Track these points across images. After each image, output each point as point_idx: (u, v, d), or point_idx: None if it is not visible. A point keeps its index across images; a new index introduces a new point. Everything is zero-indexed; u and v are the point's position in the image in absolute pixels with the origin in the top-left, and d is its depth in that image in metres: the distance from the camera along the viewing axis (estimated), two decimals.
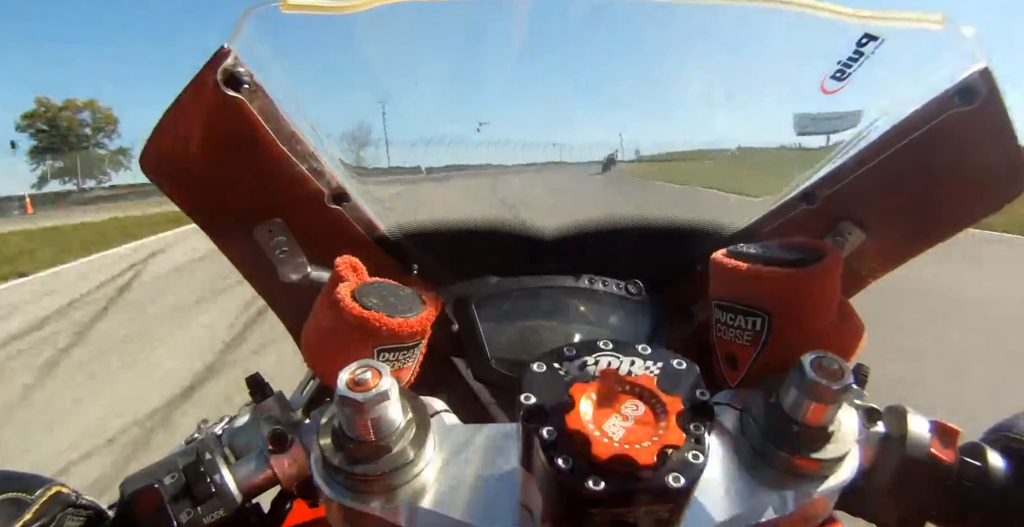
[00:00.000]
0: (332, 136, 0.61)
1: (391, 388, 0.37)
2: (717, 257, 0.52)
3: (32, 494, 0.42)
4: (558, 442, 0.31)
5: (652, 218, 0.73)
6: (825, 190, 0.60)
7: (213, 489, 0.45)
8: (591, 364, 0.35)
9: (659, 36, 0.63)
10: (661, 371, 0.34)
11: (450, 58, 0.66)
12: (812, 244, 0.51)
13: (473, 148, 0.76)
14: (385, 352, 0.48)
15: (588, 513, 0.31)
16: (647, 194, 0.98)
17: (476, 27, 0.60)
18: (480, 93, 0.74)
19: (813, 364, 0.39)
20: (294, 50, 0.55)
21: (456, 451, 0.42)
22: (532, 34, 0.60)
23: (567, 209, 0.77)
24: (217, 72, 0.47)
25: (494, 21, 0.60)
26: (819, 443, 0.40)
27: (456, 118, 0.75)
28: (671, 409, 0.31)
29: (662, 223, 0.73)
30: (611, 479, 0.29)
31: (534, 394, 0.33)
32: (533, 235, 0.73)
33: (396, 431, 0.38)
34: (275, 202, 0.58)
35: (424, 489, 0.40)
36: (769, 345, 0.48)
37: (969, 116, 0.48)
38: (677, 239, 0.72)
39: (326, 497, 0.40)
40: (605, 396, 0.32)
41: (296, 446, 0.49)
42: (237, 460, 0.49)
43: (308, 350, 0.51)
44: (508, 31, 0.60)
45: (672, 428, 0.30)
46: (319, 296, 0.50)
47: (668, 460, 0.30)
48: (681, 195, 1.07)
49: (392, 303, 0.49)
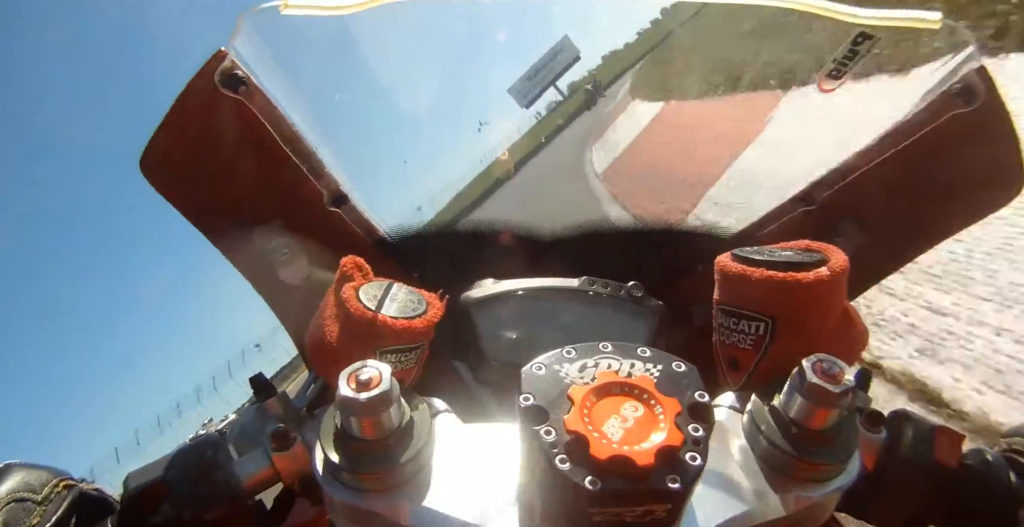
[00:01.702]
0: (332, 137, 0.62)
1: (393, 388, 0.37)
2: (722, 261, 0.51)
3: (41, 488, 0.43)
4: (557, 443, 0.31)
5: (651, 219, 0.73)
6: (825, 191, 0.60)
7: (216, 486, 0.46)
8: (591, 366, 0.35)
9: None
10: (661, 373, 0.34)
11: (449, 57, 0.66)
12: (817, 247, 0.50)
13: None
14: (388, 353, 0.48)
15: (587, 513, 0.31)
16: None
17: (474, 27, 0.60)
18: (479, 92, 0.73)
19: (815, 367, 0.39)
20: (294, 51, 0.56)
21: (456, 451, 0.43)
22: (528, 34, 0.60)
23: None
24: (215, 74, 0.48)
25: (492, 21, 0.60)
26: (820, 446, 0.40)
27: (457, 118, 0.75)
28: (670, 411, 0.31)
29: (661, 224, 0.73)
30: (609, 480, 0.30)
31: (534, 395, 0.33)
32: (532, 237, 0.73)
33: (397, 431, 0.39)
34: (275, 204, 0.58)
35: (425, 488, 0.40)
36: (772, 349, 0.48)
37: (970, 116, 0.48)
38: (676, 240, 0.72)
39: (328, 495, 0.40)
40: (604, 398, 0.33)
41: (299, 444, 0.49)
42: (240, 457, 0.49)
43: (311, 350, 0.51)
44: (504, 30, 0.60)
45: (671, 430, 0.31)
46: (324, 296, 0.50)
47: (666, 461, 0.30)
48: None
49: (397, 304, 0.49)
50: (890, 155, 0.54)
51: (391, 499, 0.39)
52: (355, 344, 0.46)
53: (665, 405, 0.32)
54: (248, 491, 0.47)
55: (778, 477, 0.41)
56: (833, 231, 0.60)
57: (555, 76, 3.50)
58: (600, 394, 0.33)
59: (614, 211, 4.96)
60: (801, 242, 0.52)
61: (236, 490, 0.46)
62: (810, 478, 0.40)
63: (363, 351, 0.46)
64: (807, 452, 0.40)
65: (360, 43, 0.57)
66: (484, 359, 0.68)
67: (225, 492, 0.46)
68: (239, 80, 0.49)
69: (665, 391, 0.33)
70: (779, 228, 0.64)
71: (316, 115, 0.58)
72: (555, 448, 0.31)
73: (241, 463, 0.48)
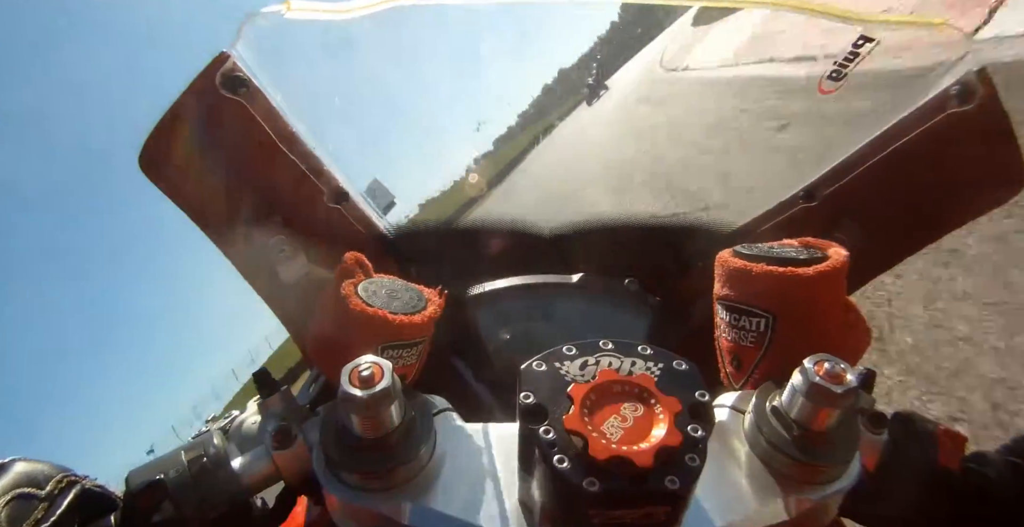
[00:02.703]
0: (332, 136, 0.62)
1: (394, 385, 0.37)
2: (723, 257, 0.51)
3: (44, 483, 0.43)
4: (556, 442, 0.31)
5: (650, 216, 0.73)
6: (825, 188, 0.60)
7: (217, 484, 0.46)
8: (591, 364, 0.35)
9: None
10: (662, 372, 0.34)
11: (450, 60, 0.66)
12: (816, 244, 0.50)
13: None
14: (389, 349, 0.48)
15: (586, 514, 0.31)
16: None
17: (471, 28, 0.61)
18: (479, 90, 0.74)
19: (816, 367, 0.39)
20: (296, 53, 0.56)
21: (457, 449, 0.43)
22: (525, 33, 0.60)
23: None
24: (217, 75, 0.49)
25: (489, 22, 0.60)
26: (821, 447, 0.40)
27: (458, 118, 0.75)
28: (670, 410, 0.31)
29: (660, 220, 0.73)
30: (608, 480, 0.29)
31: (534, 393, 0.33)
32: (532, 234, 0.73)
33: (398, 428, 0.39)
34: (275, 202, 0.58)
35: (425, 487, 0.40)
36: (774, 347, 0.47)
37: (967, 115, 0.48)
38: (676, 236, 0.72)
39: (328, 493, 0.40)
40: (604, 396, 0.32)
41: (300, 442, 0.49)
42: (242, 455, 0.49)
43: (313, 347, 0.51)
44: (502, 31, 0.61)
45: (670, 430, 0.30)
46: (325, 292, 0.50)
47: (665, 462, 0.30)
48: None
49: (397, 301, 0.49)
50: (889, 153, 0.54)
51: (391, 498, 0.39)
52: (356, 340, 0.46)
53: (665, 404, 0.32)
54: (249, 489, 0.47)
55: (779, 479, 0.40)
56: (833, 227, 0.60)
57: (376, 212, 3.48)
58: (600, 393, 0.32)
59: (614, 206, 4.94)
60: (801, 239, 0.52)
61: (237, 488, 0.46)
62: (811, 480, 0.40)
63: (364, 347, 0.46)
64: (809, 453, 0.40)
65: (362, 46, 0.57)
66: (484, 357, 0.68)
67: (226, 490, 0.46)
68: (241, 82, 0.50)
69: (665, 390, 0.32)
70: (779, 224, 0.64)
71: (317, 116, 0.58)
72: (554, 448, 0.31)
73: (242, 461, 0.48)
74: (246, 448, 0.50)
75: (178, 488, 0.45)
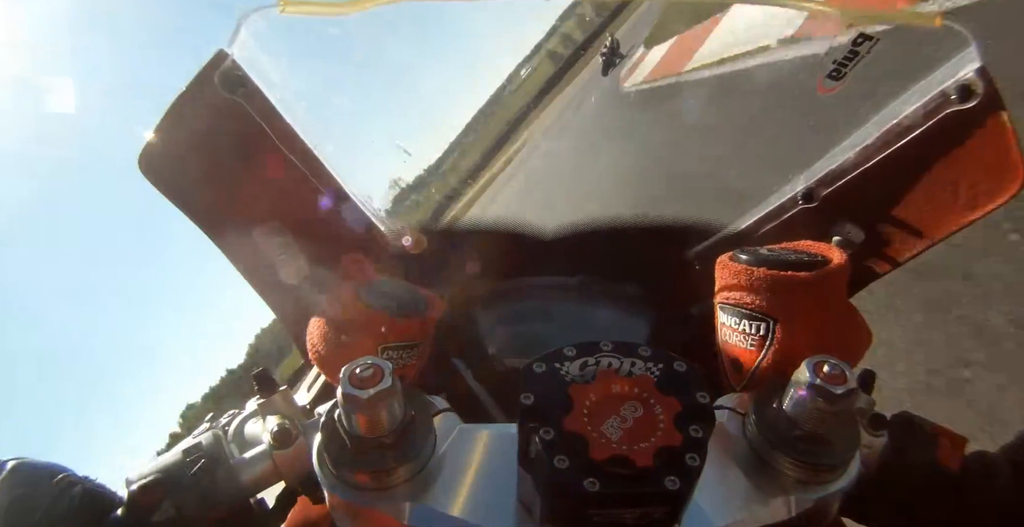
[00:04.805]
0: (332, 136, 0.62)
1: (394, 385, 0.37)
2: (724, 260, 0.51)
3: (44, 484, 0.43)
4: (556, 442, 0.31)
5: (650, 217, 0.73)
6: (824, 189, 0.59)
7: (217, 484, 0.46)
8: (591, 364, 0.35)
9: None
10: (661, 373, 0.34)
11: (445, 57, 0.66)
12: (817, 247, 0.50)
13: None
14: (389, 350, 0.48)
15: (586, 514, 0.31)
16: None
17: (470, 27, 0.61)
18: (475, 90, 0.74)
19: (816, 368, 0.39)
20: (293, 52, 0.56)
21: (457, 450, 0.43)
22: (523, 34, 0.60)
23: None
24: (215, 75, 0.48)
25: (488, 21, 0.60)
26: (821, 448, 0.40)
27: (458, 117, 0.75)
28: (670, 411, 0.31)
29: (660, 222, 0.73)
30: (608, 480, 0.29)
31: (534, 394, 0.33)
32: (532, 235, 0.73)
33: (398, 429, 0.39)
34: (274, 203, 0.58)
35: (425, 487, 0.40)
36: (774, 349, 0.48)
37: (968, 114, 0.48)
38: (675, 238, 0.72)
39: (328, 493, 0.40)
40: (604, 397, 0.32)
41: (300, 442, 0.49)
42: (242, 455, 0.49)
43: (313, 347, 0.51)
44: (500, 30, 0.61)
45: (670, 430, 0.31)
46: (325, 294, 0.50)
47: (665, 462, 0.30)
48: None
49: (398, 302, 0.49)
50: (889, 154, 0.53)
51: (391, 498, 0.39)
52: (356, 341, 0.47)
53: (665, 405, 0.32)
54: (249, 489, 0.48)
55: (779, 479, 0.40)
56: (833, 229, 0.60)
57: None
58: (600, 393, 0.32)
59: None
60: (801, 242, 0.52)
61: (237, 488, 0.46)
62: (811, 480, 0.40)
63: (364, 348, 0.46)
64: (809, 454, 0.40)
65: (359, 44, 0.57)
66: (484, 357, 0.68)
67: (226, 490, 0.46)
68: (239, 81, 0.49)
69: (665, 391, 0.32)
70: (779, 226, 0.64)
71: (316, 115, 0.58)
72: (554, 448, 0.31)
73: (242, 461, 0.48)
74: (246, 448, 0.50)
75: (178, 488, 0.45)
